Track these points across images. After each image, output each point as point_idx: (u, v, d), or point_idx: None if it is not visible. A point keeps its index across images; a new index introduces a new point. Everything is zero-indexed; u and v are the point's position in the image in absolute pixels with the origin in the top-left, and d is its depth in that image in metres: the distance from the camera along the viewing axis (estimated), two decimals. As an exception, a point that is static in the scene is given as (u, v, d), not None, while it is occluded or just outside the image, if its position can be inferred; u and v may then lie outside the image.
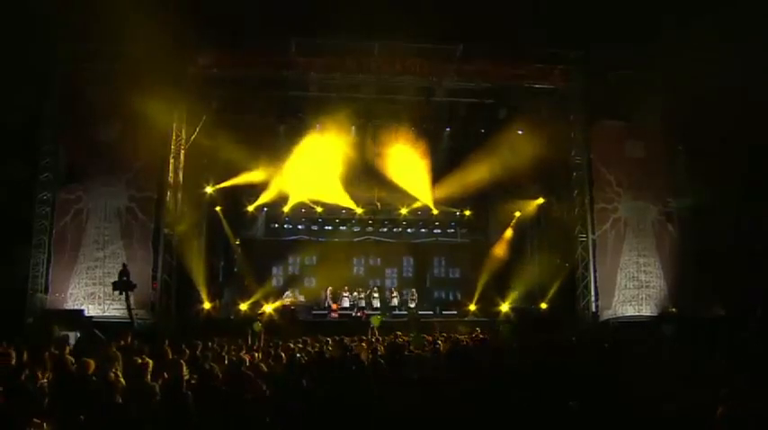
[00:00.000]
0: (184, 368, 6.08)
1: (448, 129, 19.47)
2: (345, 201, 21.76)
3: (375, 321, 14.10)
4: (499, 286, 20.61)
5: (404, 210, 22.82)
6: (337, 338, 10.85)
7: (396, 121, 19.34)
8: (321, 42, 17.85)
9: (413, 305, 20.56)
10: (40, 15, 15.61)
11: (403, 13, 17.08)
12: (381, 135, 19.75)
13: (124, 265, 13.96)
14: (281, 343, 10.65)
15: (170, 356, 7.34)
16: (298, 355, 8.14)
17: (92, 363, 6.91)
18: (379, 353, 8.53)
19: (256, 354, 8.40)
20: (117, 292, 13.78)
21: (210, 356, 7.92)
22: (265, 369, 6.96)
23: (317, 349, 9.28)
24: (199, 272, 19.51)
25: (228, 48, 17.52)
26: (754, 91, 16.08)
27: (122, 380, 5.73)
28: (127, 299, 13.44)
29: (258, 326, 12.79)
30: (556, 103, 18.70)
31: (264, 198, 21.55)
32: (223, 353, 8.40)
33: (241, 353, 8.29)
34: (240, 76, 17.56)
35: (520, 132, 19.41)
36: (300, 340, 11.29)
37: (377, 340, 11.76)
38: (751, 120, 16.60)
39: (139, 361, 6.15)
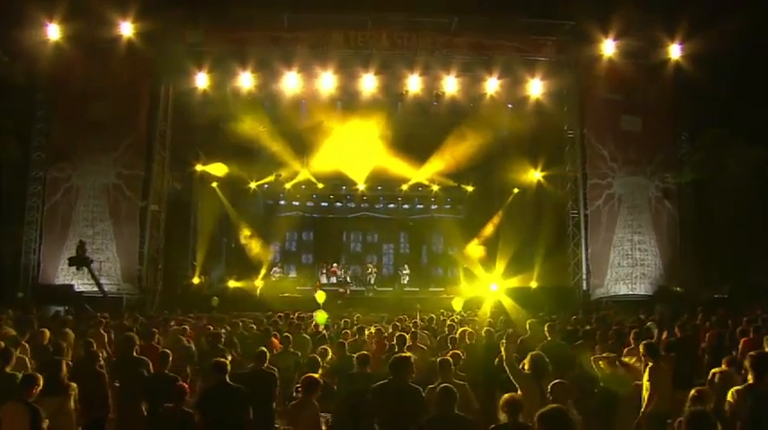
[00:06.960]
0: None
1: (435, 104, 19.03)
2: (353, 174, 21.67)
3: (319, 319, 11.04)
4: (493, 264, 20.35)
5: (404, 187, 22.67)
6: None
7: (385, 96, 19.03)
8: (312, 17, 17.73)
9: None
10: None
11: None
12: (372, 109, 19.46)
13: (81, 242, 14.28)
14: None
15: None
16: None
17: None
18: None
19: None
20: (76, 268, 14.13)
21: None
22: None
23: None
24: (197, 247, 19.91)
25: (216, 25, 17.60)
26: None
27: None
28: (91, 272, 13.76)
29: (215, 301, 12.96)
30: (548, 76, 18.12)
31: (266, 176, 21.76)
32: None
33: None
34: (228, 52, 17.57)
35: (510, 106, 18.99)
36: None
37: None
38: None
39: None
